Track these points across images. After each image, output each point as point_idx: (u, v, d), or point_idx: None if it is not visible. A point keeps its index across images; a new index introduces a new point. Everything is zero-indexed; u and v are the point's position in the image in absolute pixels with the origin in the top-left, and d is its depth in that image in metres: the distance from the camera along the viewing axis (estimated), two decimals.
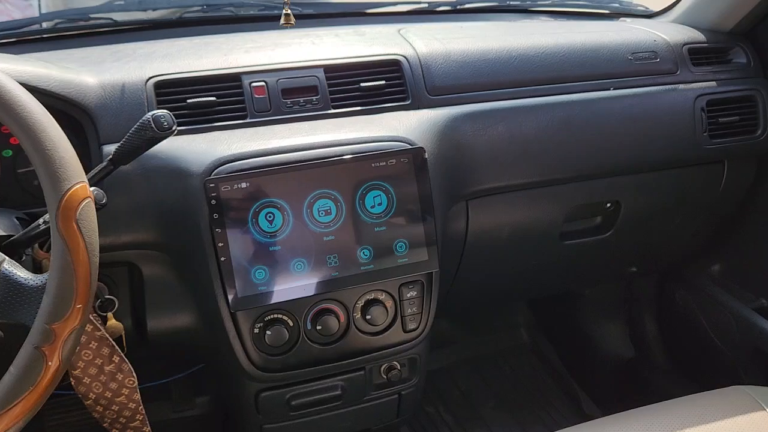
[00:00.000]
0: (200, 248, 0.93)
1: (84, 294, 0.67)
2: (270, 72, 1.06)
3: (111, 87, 1.00)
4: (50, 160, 0.68)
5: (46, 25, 1.24)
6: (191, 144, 0.98)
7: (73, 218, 0.67)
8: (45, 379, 0.64)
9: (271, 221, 0.93)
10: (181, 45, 1.15)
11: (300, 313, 0.97)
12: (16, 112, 0.68)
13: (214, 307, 0.95)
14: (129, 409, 1.00)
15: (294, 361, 0.98)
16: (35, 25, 1.28)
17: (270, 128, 1.03)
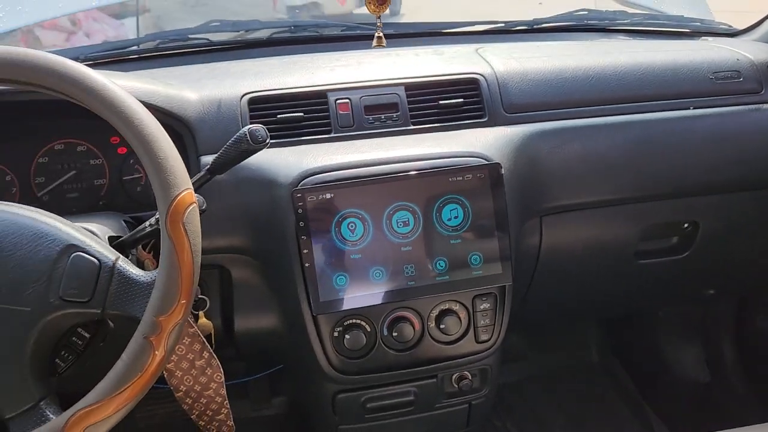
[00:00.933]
0: (286, 254, 0.99)
1: (187, 291, 0.73)
2: (354, 90, 1.12)
3: (209, 102, 1.08)
4: (162, 169, 0.75)
5: (150, 46, 1.34)
6: (280, 156, 1.04)
7: (181, 221, 0.74)
8: (152, 366, 0.71)
9: (352, 230, 0.98)
10: (271, 63, 1.22)
11: (377, 319, 1.01)
12: (134, 124, 0.75)
13: (297, 311, 1.00)
14: (216, 403, 1.06)
15: (370, 365, 1.02)
16: (137, 46, 1.39)
17: (353, 143, 1.08)
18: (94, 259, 0.74)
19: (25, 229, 0.74)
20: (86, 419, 0.69)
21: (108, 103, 0.75)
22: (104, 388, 0.70)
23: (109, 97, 0.75)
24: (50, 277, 0.72)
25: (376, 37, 1.11)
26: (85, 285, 0.72)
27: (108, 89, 0.76)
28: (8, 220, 0.75)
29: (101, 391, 0.70)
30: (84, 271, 0.73)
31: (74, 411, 0.69)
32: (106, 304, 0.73)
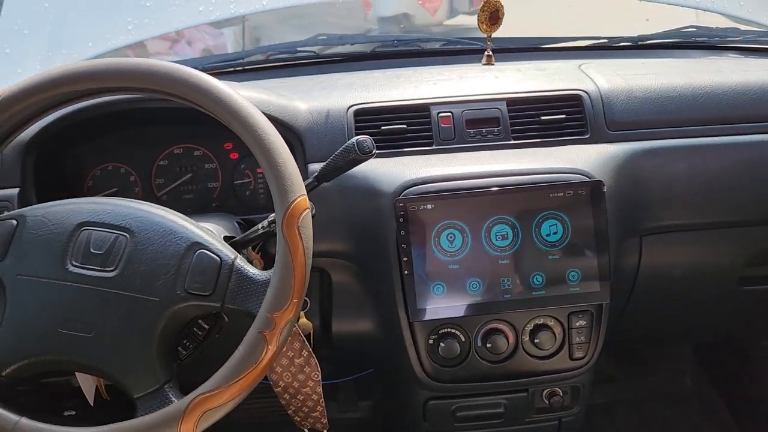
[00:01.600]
0: (386, 261, 1.03)
1: (299, 290, 0.78)
2: (456, 103, 1.15)
3: (318, 113, 1.13)
4: (280, 175, 0.80)
5: (260, 57, 1.42)
6: (383, 167, 1.08)
7: (296, 225, 0.78)
8: (265, 359, 0.76)
9: (451, 241, 1.01)
10: (375, 77, 1.27)
11: (472, 329, 1.03)
12: (257, 133, 0.81)
13: (393, 316, 1.04)
14: (312, 401, 1.11)
15: (463, 374, 1.04)
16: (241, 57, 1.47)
17: (454, 155, 1.11)
18: (216, 256, 0.80)
19: (157, 226, 0.81)
20: (205, 404, 0.74)
21: (233, 113, 0.81)
22: (221, 376, 0.75)
23: (234, 107, 0.81)
24: (177, 271, 0.78)
25: (486, 55, 1.14)
26: (208, 280, 0.78)
27: (234, 99, 0.82)
28: (143, 217, 0.82)
29: (219, 379, 0.75)
30: (207, 267, 0.79)
31: (195, 395, 0.74)
32: (226, 298, 0.78)
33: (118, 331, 0.77)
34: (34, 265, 0.79)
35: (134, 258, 0.79)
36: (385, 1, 4.00)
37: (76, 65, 0.82)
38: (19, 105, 0.82)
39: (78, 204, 0.83)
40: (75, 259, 0.79)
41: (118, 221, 0.81)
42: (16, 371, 0.78)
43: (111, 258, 0.79)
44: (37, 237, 0.80)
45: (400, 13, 4.02)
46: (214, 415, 0.75)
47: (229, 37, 2.82)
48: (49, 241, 0.80)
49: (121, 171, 1.22)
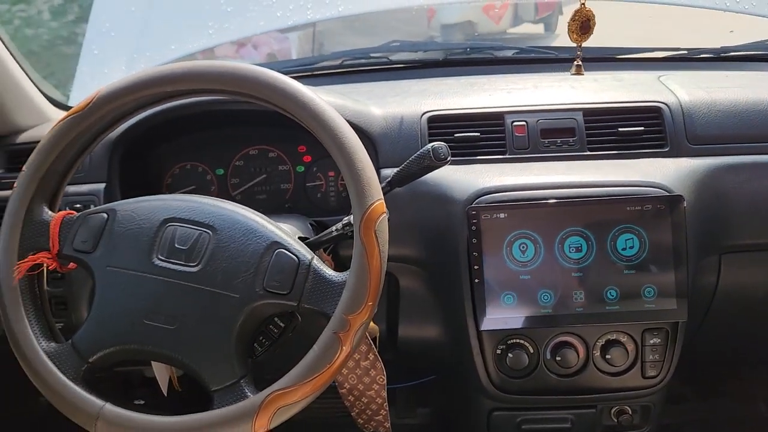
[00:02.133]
0: (456, 269, 1.02)
1: (374, 293, 0.79)
2: (531, 113, 1.14)
3: (392, 119, 1.14)
4: (360, 179, 0.81)
5: (335, 62, 1.45)
6: (455, 174, 1.08)
7: (373, 228, 0.79)
8: (339, 360, 0.77)
9: (523, 251, 1.00)
10: (449, 84, 1.27)
11: (541, 341, 1.02)
12: (338, 137, 0.82)
13: (461, 324, 1.03)
14: (376, 404, 1.11)
15: (530, 386, 1.03)
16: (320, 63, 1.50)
17: (527, 165, 1.10)
18: (294, 256, 0.81)
19: (238, 224, 0.83)
20: (279, 400, 0.76)
21: (316, 116, 0.83)
22: (296, 374, 0.76)
23: (317, 110, 0.83)
24: (257, 269, 0.80)
25: (575, 65, 1.13)
26: (286, 279, 0.80)
27: (316, 103, 0.83)
28: (225, 215, 0.84)
29: (293, 377, 0.76)
30: (285, 267, 0.80)
31: (270, 392, 0.76)
32: (302, 298, 0.79)
33: (199, 325, 0.79)
34: (123, 258, 0.83)
35: (216, 255, 0.81)
36: (450, 9, 4.01)
37: (169, 67, 0.86)
38: (114, 103, 0.85)
39: (165, 201, 0.86)
40: (161, 254, 0.82)
41: (202, 218, 0.84)
42: (101, 358, 0.81)
43: (195, 254, 0.82)
44: (126, 231, 0.84)
45: (464, 20, 4.02)
46: (288, 412, 0.77)
47: (293, 42, 2.88)
48: (137, 235, 0.83)
49: (199, 170, 1.26)
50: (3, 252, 0.84)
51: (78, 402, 0.79)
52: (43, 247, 0.85)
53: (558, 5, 4.48)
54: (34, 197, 0.86)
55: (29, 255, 0.84)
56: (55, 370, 0.80)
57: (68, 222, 0.86)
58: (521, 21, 5.33)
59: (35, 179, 0.86)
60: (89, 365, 0.81)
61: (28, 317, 0.83)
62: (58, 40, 3.90)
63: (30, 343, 0.81)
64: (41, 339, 0.82)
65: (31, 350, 0.81)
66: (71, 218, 0.86)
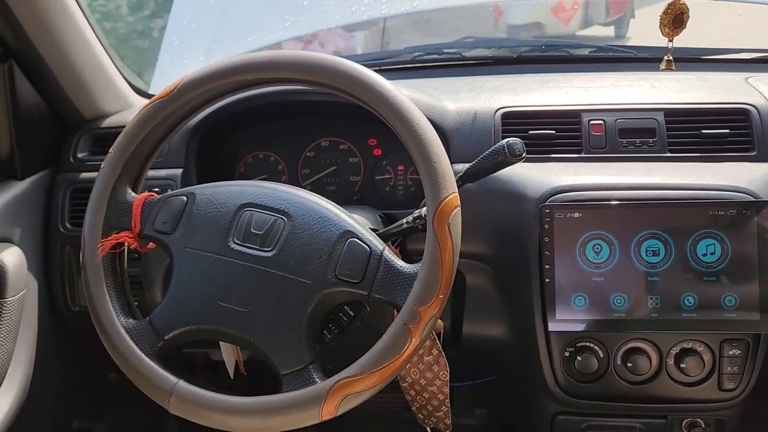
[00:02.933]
0: (526, 267, 1.01)
1: (446, 286, 0.78)
2: (609, 111, 1.11)
3: (465, 114, 1.13)
4: (435, 171, 0.80)
5: (407, 57, 1.44)
6: (528, 171, 1.06)
7: (446, 221, 0.79)
8: (407, 351, 0.77)
9: (597, 252, 0.97)
10: (523, 81, 1.25)
11: (612, 346, 0.99)
12: (414, 129, 0.82)
13: (529, 324, 1.01)
14: (437, 400, 1.11)
15: (598, 391, 1.00)
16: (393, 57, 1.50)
17: (604, 165, 1.07)
18: (366, 246, 0.82)
19: (313, 212, 0.84)
20: (347, 388, 0.76)
21: (393, 107, 0.83)
22: (365, 363, 0.77)
23: (394, 101, 0.83)
24: (330, 256, 0.81)
25: (665, 60, 1.09)
26: (358, 268, 0.80)
27: (394, 95, 0.83)
28: (300, 203, 0.85)
29: (362, 365, 0.77)
30: (358, 256, 0.81)
31: (338, 378, 0.76)
32: (373, 287, 0.80)
33: (271, 309, 0.80)
34: (200, 240, 0.85)
35: (291, 241, 0.82)
36: (517, 10, 3.94)
37: (252, 55, 0.87)
38: (198, 90, 0.88)
39: (242, 186, 0.88)
40: (237, 237, 0.84)
41: (277, 204, 0.85)
42: (176, 337, 0.84)
43: (269, 239, 0.83)
44: (204, 214, 0.86)
45: (532, 22, 3.94)
46: (355, 400, 0.77)
47: (358, 40, 2.90)
48: (215, 219, 0.85)
49: (271, 159, 1.28)
50: (88, 230, 0.87)
51: (153, 377, 0.81)
52: (125, 227, 0.88)
53: (630, 8, 4.36)
54: (120, 178, 0.89)
55: (112, 234, 0.87)
56: (133, 345, 0.83)
57: (150, 203, 0.89)
58: (591, 23, 5.19)
59: (121, 161, 0.89)
60: (164, 342, 0.84)
61: (109, 293, 0.86)
62: (134, 34, 4.05)
63: (110, 318, 0.84)
64: (120, 315, 0.85)
65: (111, 325, 0.84)
66: (153, 200, 0.89)
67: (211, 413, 0.78)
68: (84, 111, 1.24)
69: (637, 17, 4.14)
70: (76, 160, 1.23)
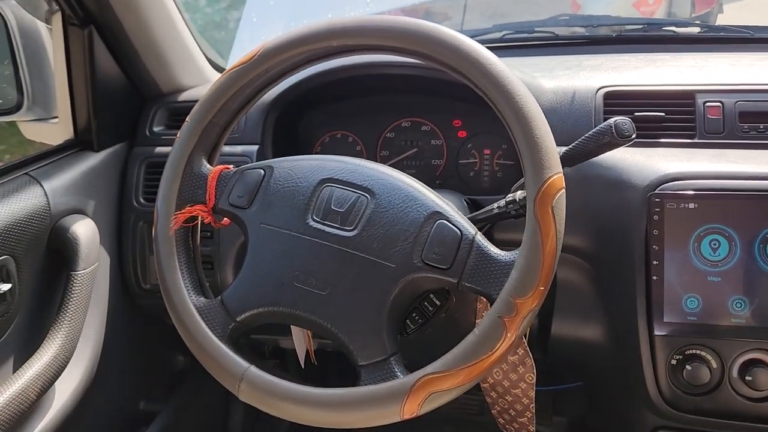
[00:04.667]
0: (629, 263, 0.90)
1: (546, 277, 0.69)
2: (728, 92, 0.99)
3: (563, 93, 1.03)
4: (538, 148, 0.72)
5: (495, 36, 1.35)
6: (634, 156, 0.96)
7: (550, 204, 0.70)
8: (502, 347, 0.68)
9: (715, 249, 0.86)
10: (626, 59, 1.14)
11: (728, 356, 0.87)
12: (515, 100, 0.73)
13: (630, 327, 0.91)
14: (521, 404, 1.02)
15: (709, 406, 0.89)
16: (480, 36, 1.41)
17: (721, 151, 0.95)
18: (456, 229, 0.74)
19: (398, 190, 0.77)
20: (432, 385, 0.68)
21: (492, 77, 0.74)
22: (453, 358, 0.69)
23: (495, 71, 0.75)
24: (416, 239, 0.74)
25: None
26: (447, 253, 0.72)
27: (493, 63, 0.75)
28: (385, 180, 0.78)
29: (450, 361, 0.69)
30: (447, 239, 0.73)
31: (423, 374, 0.69)
32: (464, 275, 0.72)
33: (351, 293, 0.74)
34: (277, 216, 0.79)
35: (374, 220, 0.75)
36: (597, 3, 3.76)
37: (338, 20, 0.81)
38: (280, 56, 0.82)
39: (323, 161, 0.81)
40: (316, 215, 0.78)
41: (360, 181, 0.78)
42: (248, 318, 0.78)
43: (351, 217, 0.76)
44: (282, 189, 0.80)
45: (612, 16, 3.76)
46: (439, 399, 0.69)
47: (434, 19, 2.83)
48: (293, 194, 0.79)
49: (348, 139, 1.21)
50: (162, 202, 0.83)
51: (223, 361, 0.76)
52: (199, 200, 0.83)
53: (718, 2, 4.11)
54: (195, 148, 0.84)
55: (186, 207, 0.83)
56: (203, 325, 0.78)
57: (225, 176, 0.84)
58: (675, 17, 4.94)
59: (197, 130, 0.84)
60: (236, 324, 0.78)
61: (180, 269, 0.81)
62: (211, 25, 4.12)
63: (181, 295, 0.80)
64: (192, 293, 0.80)
65: (182, 302, 0.79)
66: (228, 173, 0.84)
67: (283, 403, 0.72)
68: (162, 84, 1.21)
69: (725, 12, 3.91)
70: (152, 134, 1.20)
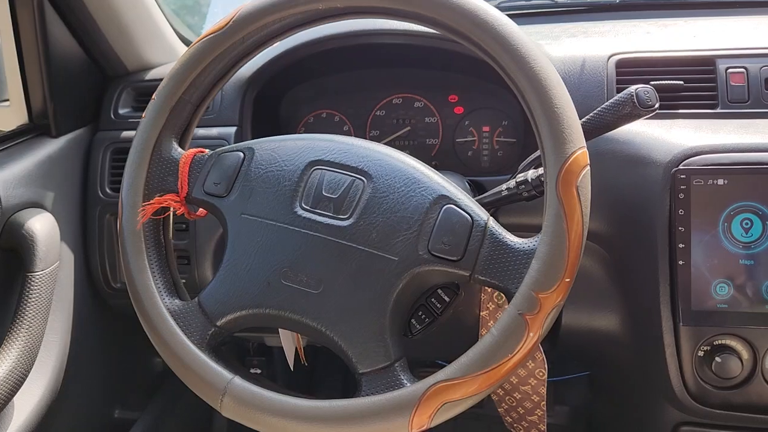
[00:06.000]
0: (651, 247, 0.82)
1: (573, 267, 0.61)
2: (752, 57, 0.90)
3: (572, 62, 0.94)
4: (557, 120, 0.62)
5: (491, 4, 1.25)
6: (652, 130, 0.87)
7: (575, 183, 0.61)
8: (522, 350, 0.60)
9: (747, 229, 0.77)
10: (636, 24, 1.05)
11: (761, 346, 0.79)
12: (529, 65, 0.64)
13: (652, 315, 0.83)
14: (531, 401, 0.94)
15: (740, 400, 0.81)
16: None
17: (748, 122, 0.87)
18: (466, 215, 0.65)
19: (398, 172, 0.68)
20: (445, 394, 0.60)
21: (504, 40, 0.65)
22: (469, 363, 0.60)
23: (506, 32, 0.65)
24: (421, 227, 0.64)
25: None
26: (457, 242, 0.63)
27: (506, 24, 0.66)
28: (383, 161, 0.69)
29: (465, 365, 0.60)
30: (456, 227, 0.64)
31: (434, 382, 0.60)
32: (476, 267, 0.63)
33: (348, 291, 0.64)
34: (260, 205, 0.69)
35: (372, 207, 0.66)
36: None
37: None
38: (257, 23, 0.71)
39: (311, 140, 0.72)
40: (305, 202, 0.68)
41: (355, 162, 0.69)
42: (230, 322, 0.69)
43: (345, 204, 0.67)
44: (265, 173, 0.70)
45: None
46: (453, 409, 0.61)
47: None
48: (278, 179, 0.69)
49: (335, 119, 1.12)
50: (127, 192, 0.73)
51: (202, 372, 0.66)
52: (170, 189, 0.73)
53: None
54: (164, 130, 0.74)
55: (155, 197, 0.73)
56: (179, 331, 0.68)
57: (199, 161, 0.74)
58: None
59: (166, 109, 0.73)
60: (216, 329, 0.69)
61: (151, 268, 0.71)
62: (183, 10, 3.98)
63: (152, 298, 0.70)
64: (164, 294, 0.71)
65: (153, 306, 0.69)
66: (203, 157, 0.74)
67: (274, 418, 0.63)
68: (127, 61, 1.09)
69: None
70: (118, 116, 1.09)
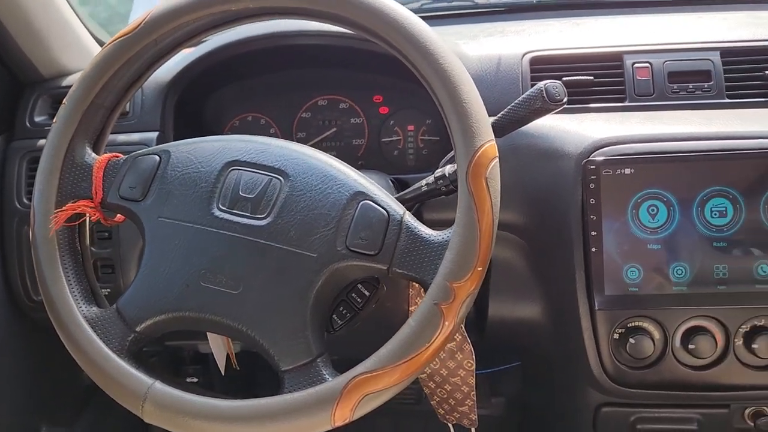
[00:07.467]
0: (566, 236, 0.85)
1: (485, 256, 0.63)
2: (656, 53, 0.95)
3: (488, 60, 0.97)
4: (466, 114, 0.65)
5: (414, 6, 1.28)
6: (565, 123, 0.91)
7: (483, 176, 0.63)
8: (440, 338, 0.61)
9: (653, 215, 0.82)
10: (550, 23, 1.09)
11: (670, 326, 0.83)
12: (438, 62, 0.66)
13: (569, 303, 0.86)
14: (461, 392, 0.96)
15: (653, 379, 0.85)
16: None
17: (653, 114, 0.92)
18: (383, 210, 0.66)
19: (315, 170, 0.68)
20: (365, 386, 0.61)
21: (413, 38, 0.67)
22: (387, 354, 0.61)
23: (416, 31, 0.67)
24: (339, 223, 0.65)
25: None
26: (374, 237, 0.65)
27: (415, 23, 0.67)
28: (299, 159, 0.69)
29: (384, 357, 0.61)
30: (373, 222, 0.65)
31: (354, 375, 0.61)
32: (394, 260, 0.64)
33: (268, 290, 0.65)
34: (177, 208, 0.69)
35: (289, 205, 0.67)
36: None
37: None
38: (169, 25, 0.71)
39: (227, 141, 0.72)
40: (222, 203, 0.68)
41: (271, 162, 0.69)
42: (150, 327, 0.68)
43: (263, 204, 0.67)
44: (181, 176, 0.70)
45: None
46: (375, 401, 0.62)
47: None
48: (195, 181, 0.69)
49: (261, 122, 1.12)
50: (39, 198, 0.71)
51: (122, 378, 0.65)
52: (84, 195, 0.72)
53: None
54: (76, 134, 0.72)
55: (68, 203, 0.71)
56: (96, 339, 0.67)
57: (114, 166, 0.73)
58: None
59: (77, 113, 0.72)
60: (136, 335, 0.68)
61: (66, 276, 0.70)
62: (116, 17, 3.88)
63: (68, 307, 0.68)
64: (81, 302, 0.69)
65: (69, 315, 0.68)
66: (117, 161, 0.73)
67: (195, 421, 0.63)
68: (41, 67, 1.06)
69: None
70: (33, 124, 1.06)
